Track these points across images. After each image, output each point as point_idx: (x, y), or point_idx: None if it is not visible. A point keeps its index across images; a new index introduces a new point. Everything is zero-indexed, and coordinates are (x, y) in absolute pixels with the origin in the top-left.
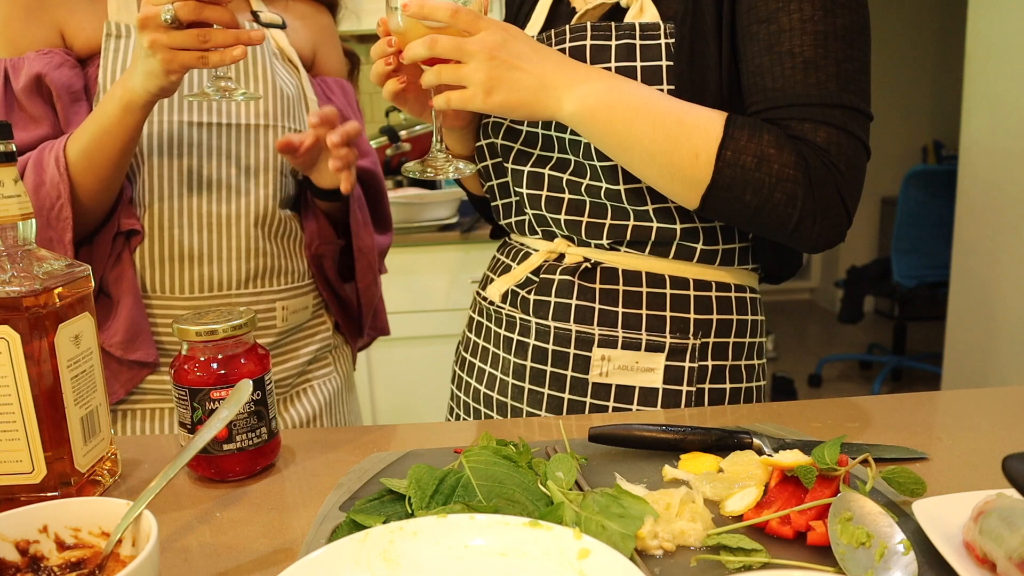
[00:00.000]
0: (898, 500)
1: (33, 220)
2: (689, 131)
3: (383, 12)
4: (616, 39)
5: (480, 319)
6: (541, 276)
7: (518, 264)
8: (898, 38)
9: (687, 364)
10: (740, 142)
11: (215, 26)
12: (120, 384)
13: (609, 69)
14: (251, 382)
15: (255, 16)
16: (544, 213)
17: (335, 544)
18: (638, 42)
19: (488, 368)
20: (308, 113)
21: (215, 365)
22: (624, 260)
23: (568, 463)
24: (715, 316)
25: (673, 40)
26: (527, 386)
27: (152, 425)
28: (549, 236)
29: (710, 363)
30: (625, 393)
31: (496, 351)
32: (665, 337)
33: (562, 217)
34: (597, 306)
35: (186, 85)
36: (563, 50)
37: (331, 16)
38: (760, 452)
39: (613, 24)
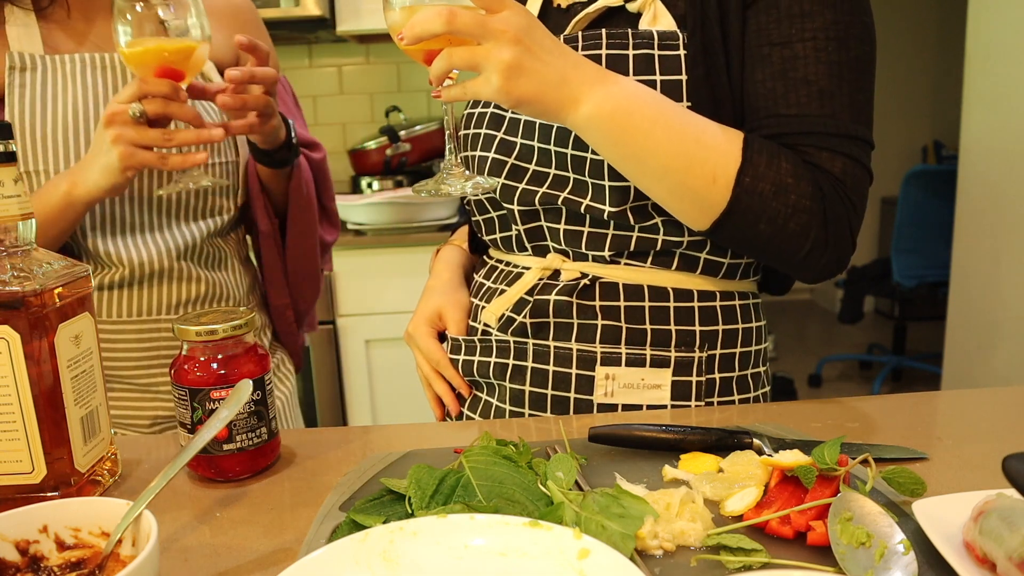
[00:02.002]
0: (898, 500)
1: (33, 220)
2: (707, 151)
3: (383, 12)
4: (634, 48)
5: (464, 358)
6: (535, 297)
7: (508, 286)
8: (898, 38)
9: (694, 379)
10: (759, 168)
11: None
12: None
13: None
14: (251, 382)
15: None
16: (542, 223)
17: (335, 544)
18: (656, 52)
19: (484, 396)
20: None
21: (215, 365)
22: (625, 274)
23: (568, 463)
24: (720, 327)
25: (687, 52)
26: (527, 412)
27: None
28: (541, 252)
29: (717, 376)
30: (629, 411)
31: (488, 381)
32: (670, 352)
33: (561, 227)
34: (599, 323)
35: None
36: None
37: (251, 5)
38: (760, 452)
39: (630, 31)
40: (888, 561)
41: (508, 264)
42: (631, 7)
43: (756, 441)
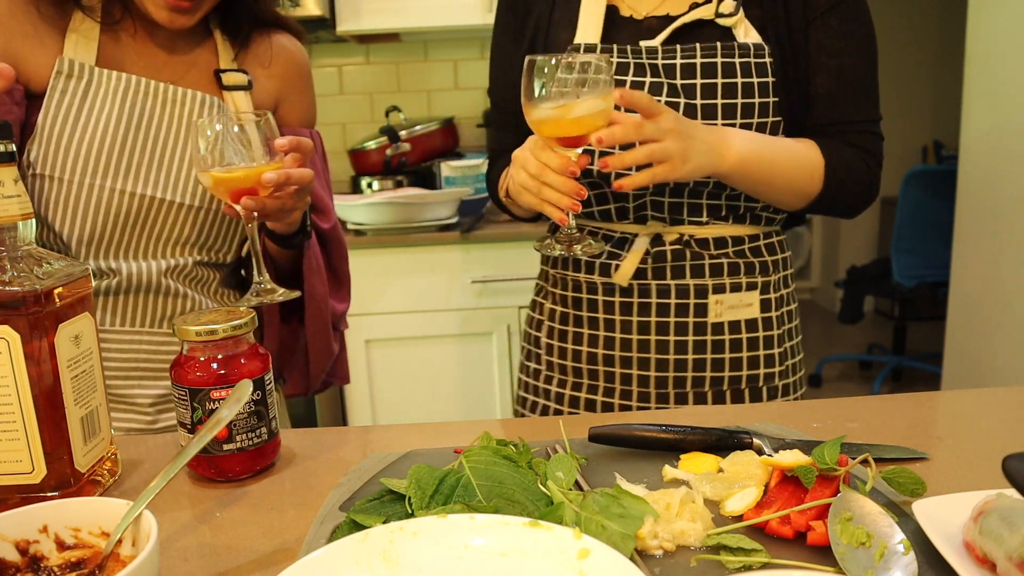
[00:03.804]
0: (898, 500)
1: (33, 220)
2: (804, 160)
3: (383, 12)
4: (739, 56)
5: (571, 294)
6: (654, 250)
7: (617, 248)
8: (898, 38)
9: (772, 296)
10: (833, 161)
11: None
12: None
13: (735, 83)
14: (251, 382)
15: (218, 78)
16: (647, 198)
17: (335, 544)
18: (753, 60)
19: (603, 332)
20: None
21: (215, 365)
22: (713, 231)
23: (568, 463)
24: (779, 256)
25: (772, 60)
26: (653, 338)
27: None
28: (642, 220)
29: (783, 292)
30: (734, 326)
31: (609, 317)
32: (757, 278)
33: (665, 200)
34: (707, 262)
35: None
36: (692, 65)
37: (304, 54)
38: (760, 452)
39: (736, 44)
40: (888, 561)
41: (611, 231)
42: (722, 22)
43: (756, 441)
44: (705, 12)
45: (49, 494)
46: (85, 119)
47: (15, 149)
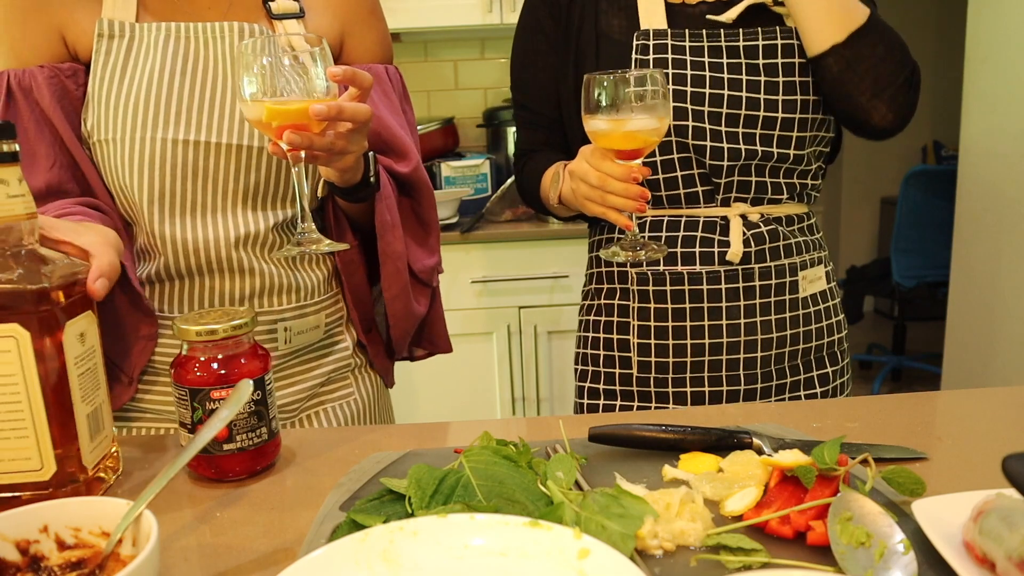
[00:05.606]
0: (898, 500)
1: (37, 220)
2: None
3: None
4: (795, 38)
5: (669, 288)
6: (751, 232)
7: (706, 232)
8: None
9: (828, 269)
10: (881, 23)
11: None
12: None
13: (792, 63)
14: (251, 382)
15: (266, 8)
16: (734, 179)
17: (335, 544)
18: (798, 42)
19: (710, 322)
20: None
21: (215, 365)
22: (785, 209)
23: (568, 463)
24: (821, 232)
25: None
26: (759, 319)
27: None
28: (726, 203)
29: (831, 265)
30: (814, 299)
31: (715, 305)
32: (821, 253)
33: (752, 179)
34: (792, 241)
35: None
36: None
37: None
38: (760, 452)
39: (778, 28)
40: (888, 561)
41: (694, 216)
42: (778, 10)
43: (756, 441)
44: None
45: (58, 491)
46: (131, 75)
47: (17, 149)
